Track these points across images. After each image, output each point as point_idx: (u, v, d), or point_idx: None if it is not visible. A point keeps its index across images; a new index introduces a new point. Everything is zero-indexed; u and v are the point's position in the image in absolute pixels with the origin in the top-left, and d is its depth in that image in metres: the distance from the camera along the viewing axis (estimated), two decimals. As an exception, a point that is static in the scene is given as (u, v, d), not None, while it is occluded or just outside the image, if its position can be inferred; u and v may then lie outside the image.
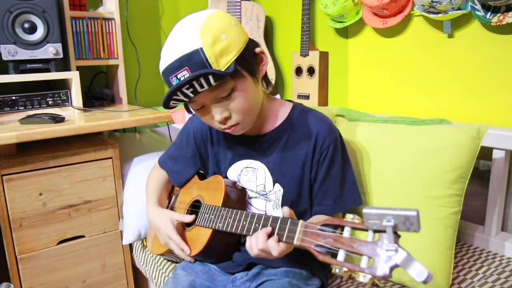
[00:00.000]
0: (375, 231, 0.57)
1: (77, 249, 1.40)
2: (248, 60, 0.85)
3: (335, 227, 0.65)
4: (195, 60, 0.77)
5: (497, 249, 1.22)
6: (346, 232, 0.62)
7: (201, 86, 0.78)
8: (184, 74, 0.78)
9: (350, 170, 0.99)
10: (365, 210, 0.56)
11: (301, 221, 0.72)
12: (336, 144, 0.96)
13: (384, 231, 0.55)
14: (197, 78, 0.76)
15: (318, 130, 0.95)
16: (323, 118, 0.99)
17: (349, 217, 0.62)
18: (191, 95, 0.80)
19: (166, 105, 0.83)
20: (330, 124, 0.98)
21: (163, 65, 0.82)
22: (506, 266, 1.12)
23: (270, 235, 0.77)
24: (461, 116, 1.37)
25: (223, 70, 0.78)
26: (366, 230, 0.58)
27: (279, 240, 0.76)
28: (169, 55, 0.80)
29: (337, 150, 0.96)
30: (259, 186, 0.99)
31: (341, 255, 0.60)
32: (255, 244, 0.78)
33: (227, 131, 0.90)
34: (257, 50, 0.88)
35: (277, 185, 0.97)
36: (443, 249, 1.02)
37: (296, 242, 0.70)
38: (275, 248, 0.75)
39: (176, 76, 0.79)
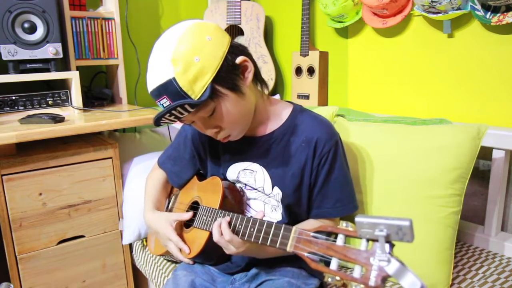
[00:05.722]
0: (368, 240, 0.56)
1: (77, 249, 1.40)
2: (227, 77, 0.83)
3: (329, 234, 0.64)
4: (170, 90, 0.79)
5: (497, 249, 1.22)
6: (340, 240, 0.61)
7: (181, 113, 0.81)
8: (165, 102, 0.81)
9: (349, 175, 0.99)
10: (357, 219, 0.55)
11: (294, 228, 0.71)
12: (337, 148, 0.95)
13: (377, 240, 0.54)
14: (175, 108, 0.78)
15: (319, 135, 0.93)
16: (323, 121, 0.98)
17: (343, 224, 0.61)
18: (175, 120, 0.83)
19: (157, 125, 0.86)
20: (330, 127, 0.97)
21: (148, 89, 0.84)
22: (506, 266, 1.12)
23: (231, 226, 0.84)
24: (461, 116, 1.37)
25: (199, 95, 0.79)
26: (360, 238, 0.57)
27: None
28: (149, 83, 0.83)
29: (337, 155, 0.95)
30: (258, 188, 0.98)
31: (334, 263, 0.60)
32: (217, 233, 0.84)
33: (222, 141, 0.93)
34: (238, 60, 0.84)
35: (276, 188, 0.96)
36: (443, 249, 1.02)
37: (289, 248, 0.70)
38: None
39: (159, 102, 0.82)
